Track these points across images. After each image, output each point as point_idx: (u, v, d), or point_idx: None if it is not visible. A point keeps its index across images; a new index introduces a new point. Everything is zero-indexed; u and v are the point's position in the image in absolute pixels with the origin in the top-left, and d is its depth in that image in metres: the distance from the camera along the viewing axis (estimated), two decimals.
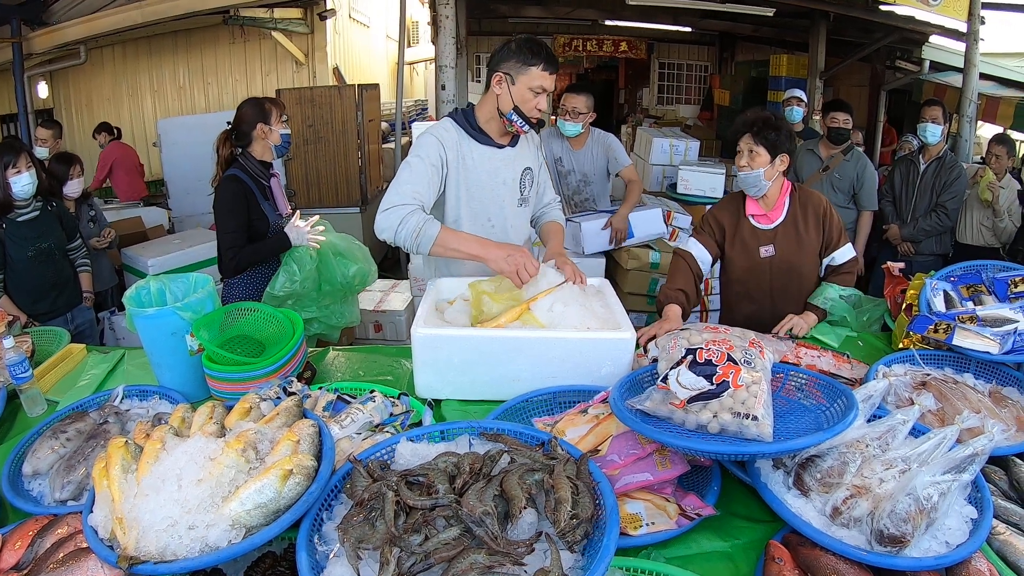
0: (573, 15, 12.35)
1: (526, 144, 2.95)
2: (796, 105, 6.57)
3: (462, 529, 1.39)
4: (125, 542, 1.38)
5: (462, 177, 2.79)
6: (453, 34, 6.88)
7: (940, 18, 7.76)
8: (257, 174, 3.45)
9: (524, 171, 2.92)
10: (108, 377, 2.64)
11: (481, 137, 2.80)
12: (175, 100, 10.47)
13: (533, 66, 2.63)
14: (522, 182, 2.93)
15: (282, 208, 3.67)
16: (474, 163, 2.79)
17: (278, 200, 3.66)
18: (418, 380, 2.34)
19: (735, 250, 3.17)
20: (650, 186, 7.77)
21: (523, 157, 2.93)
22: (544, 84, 2.66)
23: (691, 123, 13.40)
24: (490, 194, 2.84)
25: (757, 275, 3.17)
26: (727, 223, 3.18)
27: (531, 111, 2.69)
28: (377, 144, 8.96)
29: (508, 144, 2.86)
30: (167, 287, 2.52)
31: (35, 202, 3.89)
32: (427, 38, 13.62)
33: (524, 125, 2.72)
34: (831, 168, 5.24)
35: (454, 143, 2.77)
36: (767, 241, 3.11)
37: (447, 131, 2.78)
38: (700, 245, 3.19)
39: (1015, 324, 2.35)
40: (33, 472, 1.95)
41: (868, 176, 5.23)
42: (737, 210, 3.16)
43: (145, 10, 8.29)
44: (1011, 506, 1.75)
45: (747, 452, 1.67)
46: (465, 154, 2.78)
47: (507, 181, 2.88)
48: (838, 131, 5.22)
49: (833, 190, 5.21)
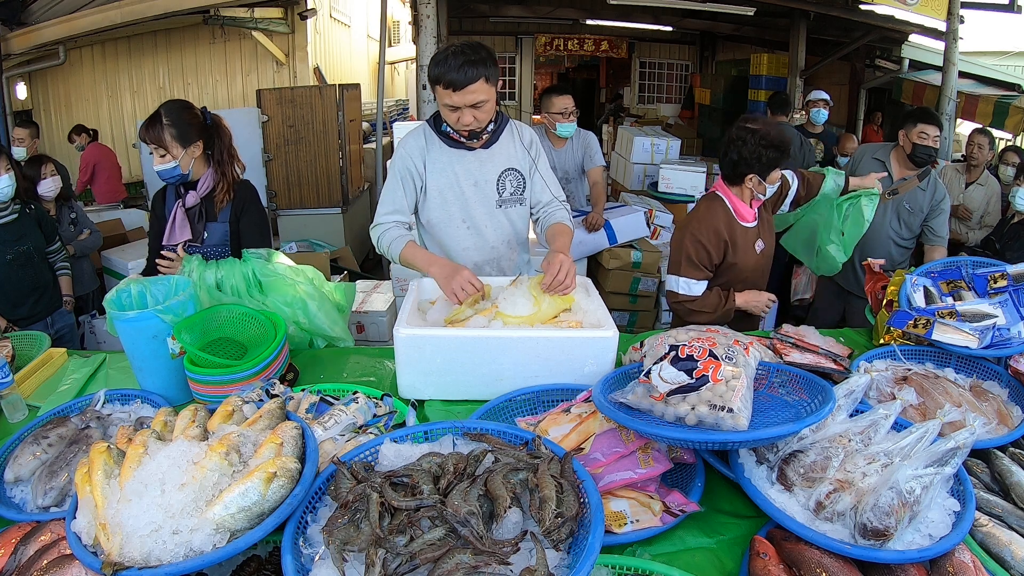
0: (554, 14, 12.40)
1: (509, 145, 2.91)
2: (822, 107, 6.60)
3: (447, 529, 1.38)
4: (109, 548, 1.36)
5: (430, 181, 2.85)
6: (434, 33, 6.88)
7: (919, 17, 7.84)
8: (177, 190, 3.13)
9: (504, 172, 2.90)
10: (90, 381, 2.61)
11: (451, 142, 2.83)
12: (155, 100, 10.24)
13: (437, 83, 2.62)
14: (500, 183, 2.90)
15: (177, 236, 3.06)
16: (442, 166, 2.84)
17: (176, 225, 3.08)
18: (401, 381, 2.33)
19: (739, 255, 3.08)
20: (631, 185, 7.81)
21: (502, 158, 2.90)
22: (448, 101, 2.63)
23: (672, 122, 13.45)
24: (460, 196, 2.86)
25: (758, 270, 3.20)
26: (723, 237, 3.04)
27: (456, 126, 2.72)
28: (358, 144, 8.93)
29: (481, 146, 2.85)
30: (148, 290, 2.49)
31: (13, 205, 3.85)
32: (408, 37, 13.60)
33: (464, 138, 2.77)
34: (900, 193, 4.03)
35: (420, 150, 2.84)
36: (756, 237, 3.13)
37: (415, 138, 2.87)
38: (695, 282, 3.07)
39: (994, 319, 2.38)
40: (15, 479, 1.93)
41: (945, 208, 4.17)
42: (727, 219, 3.06)
43: (124, 10, 8.22)
44: (993, 498, 1.77)
45: (716, 440, 1.67)
46: (434, 158, 2.84)
47: (480, 183, 2.87)
48: (925, 151, 4.08)
49: (899, 222, 4.20)
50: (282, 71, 10.11)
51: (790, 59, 9.92)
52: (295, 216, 8.17)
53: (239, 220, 3.07)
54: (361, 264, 8.29)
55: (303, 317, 2.76)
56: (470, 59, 2.55)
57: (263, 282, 2.75)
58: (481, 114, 2.67)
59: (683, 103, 14.85)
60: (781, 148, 2.94)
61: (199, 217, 3.05)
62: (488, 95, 2.64)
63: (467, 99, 2.60)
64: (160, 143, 2.89)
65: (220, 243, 3.06)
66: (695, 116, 13.75)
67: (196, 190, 3.04)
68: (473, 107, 2.63)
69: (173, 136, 2.90)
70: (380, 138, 8.21)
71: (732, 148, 3.00)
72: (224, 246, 3.06)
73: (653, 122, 12.80)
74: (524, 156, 2.94)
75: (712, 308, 3.03)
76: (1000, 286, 2.55)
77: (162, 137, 2.89)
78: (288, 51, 10.01)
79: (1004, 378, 2.29)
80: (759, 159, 2.94)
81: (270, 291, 2.75)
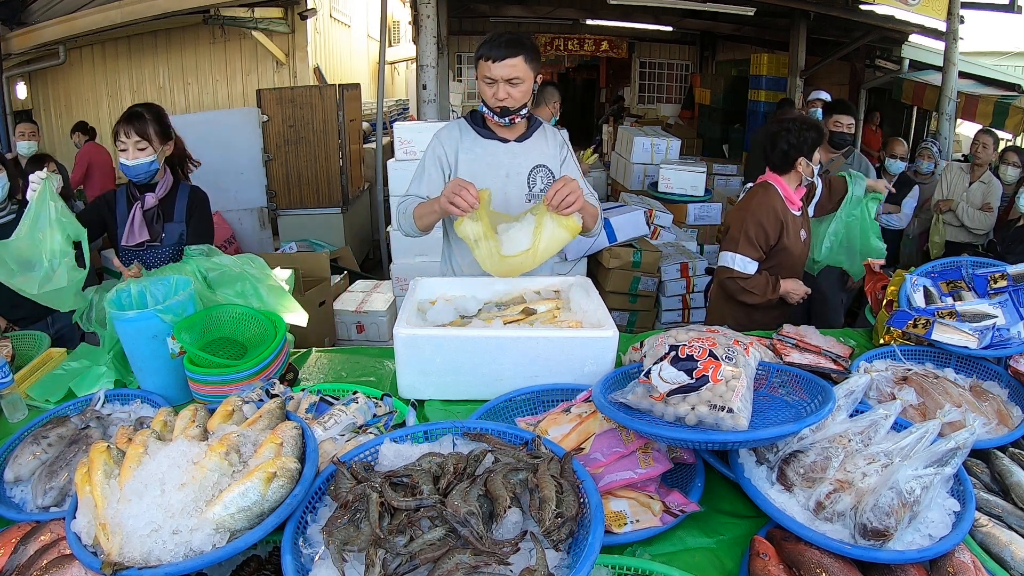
0: (554, 14, 12.41)
1: (542, 141, 2.99)
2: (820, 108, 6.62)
3: (447, 529, 1.38)
4: (108, 548, 1.36)
5: (462, 170, 2.91)
6: (434, 33, 6.88)
7: (920, 17, 7.85)
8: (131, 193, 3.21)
9: (536, 168, 2.96)
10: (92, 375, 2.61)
11: (485, 132, 2.94)
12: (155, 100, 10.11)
13: (480, 58, 2.75)
14: (531, 178, 2.96)
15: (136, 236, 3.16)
16: (474, 156, 2.92)
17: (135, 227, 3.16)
18: (401, 381, 2.33)
19: (790, 239, 3.33)
20: (631, 185, 7.83)
21: (535, 153, 2.97)
22: (488, 73, 2.72)
23: (672, 122, 13.48)
24: (491, 185, 2.85)
25: (800, 258, 3.41)
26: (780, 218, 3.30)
27: (490, 100, 2.79)
28: (358, 144, 8.94)
29: (515, 139, 2.93)
30: (148, 289, 2.49)
31: (11, 205, 3.84)
32: (408, 37, 13.59)
33: (491, 115, 2.82)
34: (832, 172, 4.62)
35: (454, 139, 2.94)
36: (801, 226, 3.38)
37: (449, 129, 2.99)
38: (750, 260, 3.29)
39: (994, 319, 2.37)
40: (15, 478, 1.93)
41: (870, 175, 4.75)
42: (782, 204, 3.31)
43: (124, 10, 8.22)
44: (993, 498, 1.77)
45: (716, 440, 1.67)
46: (465, 148, 2.93)
47: (511, 175, 2.94)
48: (842, 136, 4.77)
49: None
50: (282, 71, 10.10)
51: (790, 59, 9.93)
52: (295, 216, 8.18)
53: (189, 220, 3.22)
54: (361, 264, 8.30)
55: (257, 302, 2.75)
56: (514, 40, 2.71)
57: (208, 277, 2.76)
58: (516, 92, 2.74)
59: (683, 103, 14.86)
60: (819, 129, 3.37)
61: (157, 218, 3.16)
62: (525, 76, 2.73)
63: (504, 72, 2.69)
64: (145, 136, 3.02)
65: (178, 242, 3.21)
66: (695, 116, 13.75)
67: (155, 192, 3.17)
68: (509, 82, 2.72)
69: (156, 132, 3.04)
70: (380, 138, 8.21)
71: (780, 139, 3.32)
72: (182, 244, 3.17)
73: (653, 122, 12.82)
74: (556, 154, 3.02)
75: (761, 290, 3.25)
76: (1000, 286, 2.55)
77: (147, 130, 3.01)
78: (288, 51, 10.00)
79: (1004, 378, 2.29)
80: (805, 142, 3.29)
81: (218, 285, 2.75)
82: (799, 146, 3.30)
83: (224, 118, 8.19)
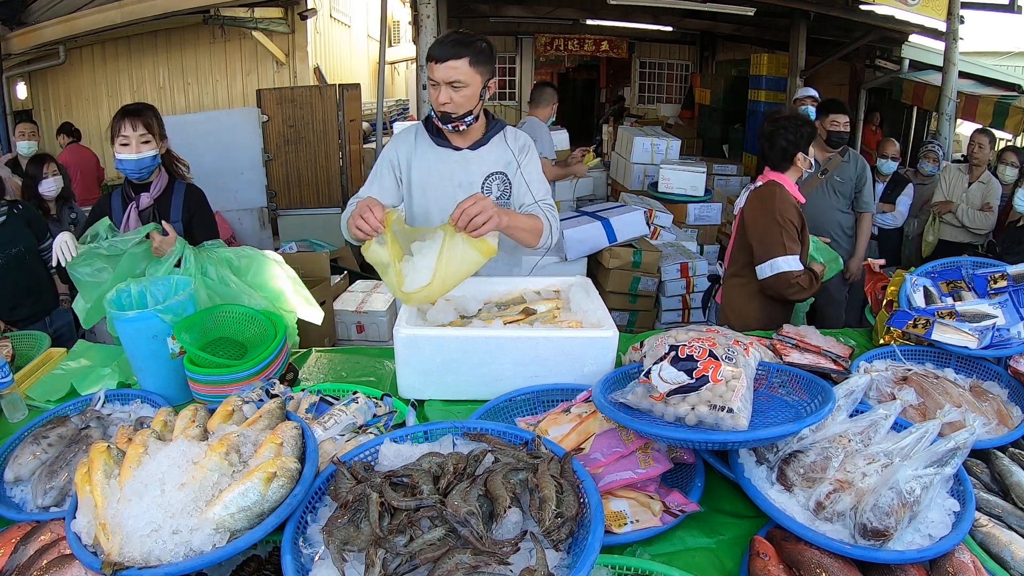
0: (554, 14, 12.39)
1: (500, 147, 2.85)
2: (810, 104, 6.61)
3: (447, 529, 1.38)
4: (109, 548, 1.36)
5: (413, 177, 2.85)
6: (434, 33, 6.87)
7: (919, 17, 7.84)
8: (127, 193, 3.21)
9: (490, 175, 2.83)
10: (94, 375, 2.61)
11: (439, 140, 2.82)
12: (155, 100, 10.21)
13: (427, 61, 2.64)
14: (486, 186, 2.83)
15: None
16: (427, 164, 2.83)
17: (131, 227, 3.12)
18: (401, 381, 2.33)
19: (806, 232, 3.43)
20: (631, 185, 7.82)
21: (490, 160, 2.84)
22: (431, 75, 2.61)
23: (672, 122, 13.46)
24: (442, 195, 2.81)
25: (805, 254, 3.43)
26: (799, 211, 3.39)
27: (434, 105, 2.67)
28: (358, 144, 8.93)
29: (468, 147, 2.82)
30: (148, 289, 2.49)
31: (0, 207, 3.84)
32: (408, 37, 13.59)
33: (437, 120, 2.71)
34: (830, 171, 4.86)
35: (408, 145, 2.86)
36: None
37: (406, 134, 2.90)
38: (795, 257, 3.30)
39: (993, 319, 2.38)
40: (15, 478, 1.93)
41: (868, 176, 4.97)
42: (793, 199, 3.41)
43: (124, 10, 8.23)
44: (993, 498, 1.77)
45: (716, 440, 1.67)
46: (419, 156, 2.84)
47: (463, 184, 2.80)
48: (838, 135, 4.82)
49: (835, 194, 4.90)
50: (282, 71, 10.10)
51: (790, 59, 9.91)
52: (295, 216, 8.18)
53: (191, 220, 3.21)
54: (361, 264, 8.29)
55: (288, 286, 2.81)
56: (460, 40, 2.57)
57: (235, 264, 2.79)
58: (458, 96, 2.59)
59: (683, 103, 14.84)
60: (811, 123, 3.49)
61: (152, 217, 3.14)
62: (469, 79, 2.58)
63: (447, 74, 2.56)
64: (150, 129, 3.03)
65: None
66: (695, 116, 13.73)
67: (149, 192, 3.17)
68: (451, 85, 2.57)
69: (159, 127, 3.09)
70: (380, 138, 8.20)
71: (778, 137, 3.39)
72: None
73: (653, 122, 12.81)
74: (511, 159, 2.86)
75: (809, 282, 3.30)
76: (1000, 286, 2.55)
77: (151, 124, 3.04)
78: (288, 51, 10.00)
79: (1004, 378, 2.28)
80: (802, 137, 3.38)
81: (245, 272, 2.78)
82: (797, 142, 3.37)
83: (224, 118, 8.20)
